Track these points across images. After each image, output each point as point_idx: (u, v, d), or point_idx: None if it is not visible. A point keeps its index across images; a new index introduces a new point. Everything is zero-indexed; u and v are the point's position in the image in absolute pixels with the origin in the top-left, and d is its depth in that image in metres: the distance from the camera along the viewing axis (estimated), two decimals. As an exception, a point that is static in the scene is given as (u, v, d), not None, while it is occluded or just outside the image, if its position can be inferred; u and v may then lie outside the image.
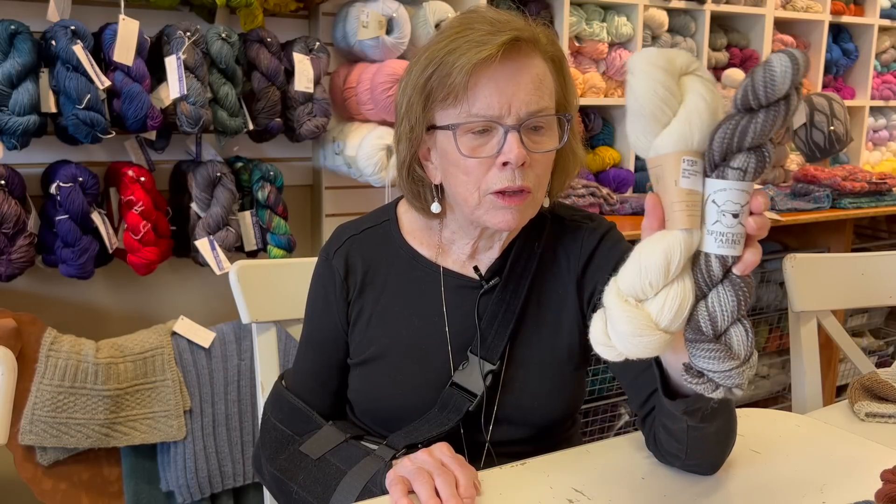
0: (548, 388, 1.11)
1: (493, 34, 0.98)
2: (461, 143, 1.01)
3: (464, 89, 0.98)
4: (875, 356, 3.29)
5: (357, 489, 0.99)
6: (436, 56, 1.01)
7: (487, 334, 1.10)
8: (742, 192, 0.76)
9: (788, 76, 0.73)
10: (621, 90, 2.85)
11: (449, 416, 1.07)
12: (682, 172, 0.77)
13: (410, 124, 1.05)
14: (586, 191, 2.43)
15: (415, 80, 1.03)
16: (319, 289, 1.17)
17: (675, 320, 0.78)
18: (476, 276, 1.12)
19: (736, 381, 0.79)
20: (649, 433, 1.04)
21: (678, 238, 0.77)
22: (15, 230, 1.79)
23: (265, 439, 1.17)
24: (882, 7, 3.58)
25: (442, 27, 1.09)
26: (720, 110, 0.79)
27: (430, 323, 1.12)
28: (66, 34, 1.75)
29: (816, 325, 1.61)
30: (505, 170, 1.00)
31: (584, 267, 1.12)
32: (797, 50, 0.75)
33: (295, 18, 2.31)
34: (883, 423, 1.35)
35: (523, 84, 1.00)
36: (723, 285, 0.79)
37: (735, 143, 0.75)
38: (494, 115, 0.99)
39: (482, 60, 0.97)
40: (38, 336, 1.78)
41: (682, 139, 0.77)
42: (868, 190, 2.78)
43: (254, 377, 1.66)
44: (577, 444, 1.21)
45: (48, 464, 1.80)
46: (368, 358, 1.13)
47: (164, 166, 2.12)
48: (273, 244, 2.13)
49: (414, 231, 1.16)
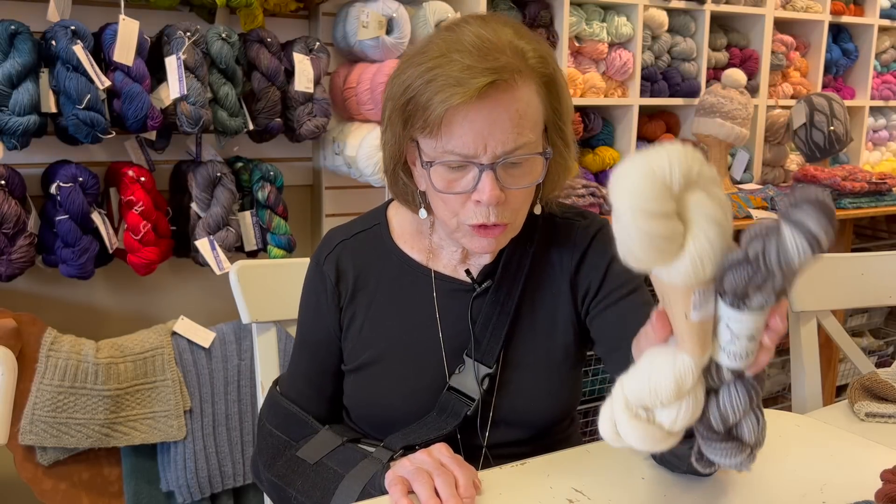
0: (544, 389, 1.11)
1: (472, 72, 0.94)
2: (436, 177, 0.99)
3: (438, 127, 0.96)
4: (875, 356, 3.29)
5: (356, 492, 0.99)
6: (414, 82, 0.97)
7: (482, 337, 1.09)
8: (760, 319, 0.71)
9: (807, 259, 0.65)
10: (621, 90, 2.85)
11: (447, 421, 1.07)
12: (692, 306, 0.70)
13: (394, 137, 1.03)
14: (586, 191, 2.43)
15: (396, 97, 1.00)
16: (311, 295, 1.17)
17: (686, 425, 0.75)
18: (468, 279, 1.11)
19: (746, 466, 0.77)
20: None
21: (689, 364, 0.72)
22: (15, 230, 1.79)
23: (262, 446, 1.16)
24: (882, 7, 3.58)
25: (428, 40, 1.03)
26: (731, 224, 0.69)
27: (422, 327, 1.11)
28: (67, 34, 1.75)
29: (816, 325, 1.61)
30: (480, 206, 0.99)
31: (577, 266, 1.11)
32: (820, 204, 0.64)
33: (295, 18, 2.31)
34: (883, 423, 1.35)
35: (500, 123, 0.96)
36: (734, 384, 0.75)
37: (751, 289, 0.68)
38: (469, 154, 0.97)
39: (458, 104, 0.93)
40: (38, 336, 1.78)
41: (692, 274, 0.68)
42: (868, 190, 2.78)
43: (254, 377, 1.66)
44: (576, 444, 1.21)
45: (48, 464, 1.80)
46: (362, 364, 1.12)
47: (164, 166, 2.12)
48: (273, 244, 2.13)
49: (405, 235, 1.15)
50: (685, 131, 3.09)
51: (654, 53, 2.92)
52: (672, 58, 2.99)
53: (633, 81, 2.83)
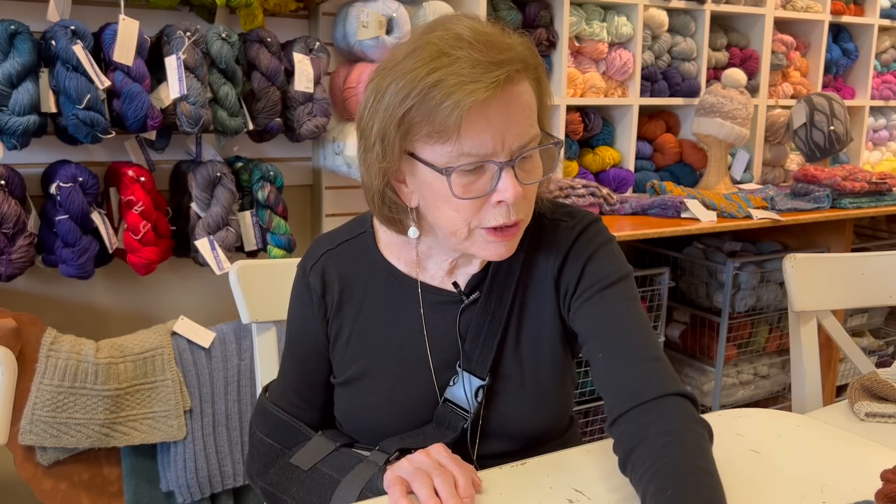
0: (531, 399, 1.08)
1: (486, 67, 0.90)
2: (454, 184, 0.94)
3: (456, 129, 0.90)
4: (875, 356, 3.29)
5: (353, 496, 0.98)
6: (415, 87, 0.91)
7: (474, 349, 1.07)
8: None
9: None
10: (621, 90, 2.85)
11: (445, 433, 1.06)
12: None
13: (384, 153, 0.96)
14: (586, 191, 2.43)
15: (391, 110, 0.93)
16: (298, 306, 1.14)
17: None
18: (455, 291, 1.08)
19: None
20: (615, 443, 0.98)
21: None
22: (15, 230, 1.79)
23: (253, 454, 1.15)
24: (882, 7, 3.58)
25: (408, 43, 0.96)
26: None
27: (410, 340, 1.09)
28: (66, 34, 1.75)
29: (816, 325, 1.61)
30: (499, 207, 0.96)
31: (559, 267, 1.07)
32: None
33: (295, 18, 2.31)
34: (883, 423, 1.35)
35: (515, 117, 0.93)
36: None
37: None
38: (487, 153, 0.93)
39: (477, 102, 0.89)
40: (38, 336, 1.78)
41: None
42: (868, 190, 2.78)
43: (254, 377, 1.66)
44: (576, 445, 1.21)
45: (48, 464, 1.80)
46: (350, 378, 1.11)
47: (164, 166, 2.12)
48: (273, 244, 2.13)
49: (390, 245, 1.11)
50: (685, 131, 3.09)
51: (654, 53, 2.93)
52: (672, 58, 2.99)
53: (633, 81, 2.83)
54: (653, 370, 0.98)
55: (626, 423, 0.95)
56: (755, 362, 2.94)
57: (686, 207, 2.46)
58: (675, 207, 2.47)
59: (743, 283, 2.74)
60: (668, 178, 2.96)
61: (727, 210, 2.49)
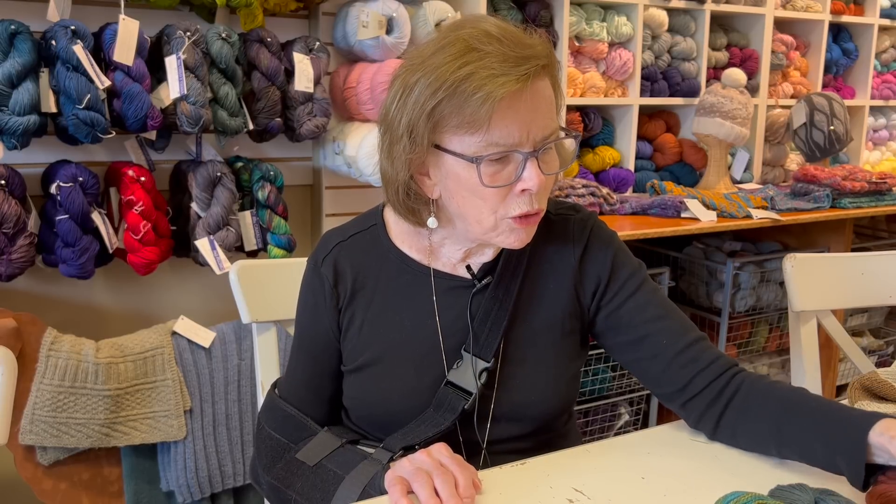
0: (543, 383, 1.12)
1: (515, 61, 0.95)
2: (483, 172, 0.98)
3: (488, 120, 0.95)
4: (875, 356, 3.29)
5: (355, 493, 0.99)
6: (446, 81, 0.95)
7: (481, 332, 1.10)
8: None
9: None
10: (621, 90, 2.85)
11: (444, 416, 1.07)
12: None
13: (412, 145, 1.00)
14: (586, 190, 2.43)
15: (420, 103, 0.97)
16: (309, 298, 1.16)
17: None
18: (468, 276, 1.12)
19: None
20: (698, 416, 1.10)
21: None
22: (15, 230, 1.80)
23: (260, 449, 1.17)
24: (882, 7, 3.58)
25: (436, 40, 1.01)
26: None
27: (422, 325, 1.11)
28: (66, 34, 1.75)
29: (816, 324, 1.61)
30: (523, 195, 1.01)
31: (580, 260, 1.13)
32: None
33: (295, 18, 2.31)
34: (883, 423, 1.35)
35: (540, 109, 0.99)
36: None
37: None
38: (514, 143, 0.98)
39: (507, 94, 0.94)
40: (38, 336, 1.78)
41: None
42: (868, 190, 2.78)
43: (254, 377, 1.66)
44: (574, 440, 1.22)
45: (48, 464, 1.81)
46: (362, 364, 1.13)
47: (164, 166, 2.12)
48: (273, 244, 2.13)
49: (402, 235, 1.14)
50: (685, 131, 3.09)
51: (654, 53, 2.93)
52: (672, 57, 2.99)
53: (633, 81, 2.83)
54: (712, 346, 1.13)
55: (714, 389, 1.08)
56: (755, 362, 2.94)
57: (686, 207, 2.46)
58: (675, 207, 2.47)
59: (743, 283, 2.74)
60: (668, 178, 2.96)
61: (727, 210, 2.50)
